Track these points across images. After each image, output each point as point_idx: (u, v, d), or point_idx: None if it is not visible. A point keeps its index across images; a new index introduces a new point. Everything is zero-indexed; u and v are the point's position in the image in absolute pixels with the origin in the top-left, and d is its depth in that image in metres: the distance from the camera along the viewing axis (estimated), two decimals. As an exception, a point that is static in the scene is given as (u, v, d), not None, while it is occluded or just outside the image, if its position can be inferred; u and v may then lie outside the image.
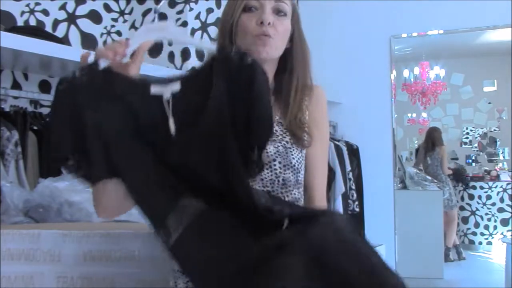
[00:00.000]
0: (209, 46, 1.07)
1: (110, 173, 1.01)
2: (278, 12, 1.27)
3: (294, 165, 1.27)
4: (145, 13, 2.90)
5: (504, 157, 4.82)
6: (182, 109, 1.01)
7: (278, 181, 1.25)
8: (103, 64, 1.02)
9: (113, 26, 2.85)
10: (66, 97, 0.99)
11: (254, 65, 1.02)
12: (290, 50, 1.33)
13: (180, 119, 1.01)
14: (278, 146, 1.26)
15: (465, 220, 4.85)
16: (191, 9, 2.80)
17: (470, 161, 4.90)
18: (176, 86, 1.03)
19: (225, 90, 1.00)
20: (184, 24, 2.78)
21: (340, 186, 3.32)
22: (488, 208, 4.80)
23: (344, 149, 3.51)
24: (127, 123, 1.00)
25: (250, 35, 1.26)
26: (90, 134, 0.98)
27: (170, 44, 2.80)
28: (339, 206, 3.32)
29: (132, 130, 1.00)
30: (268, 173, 1.23)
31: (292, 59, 1.33)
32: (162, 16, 2.85)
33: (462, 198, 4.86)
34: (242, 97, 1.00)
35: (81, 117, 0.98)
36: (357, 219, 3.65)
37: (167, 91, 1.02)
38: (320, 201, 1.32)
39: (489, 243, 4.79)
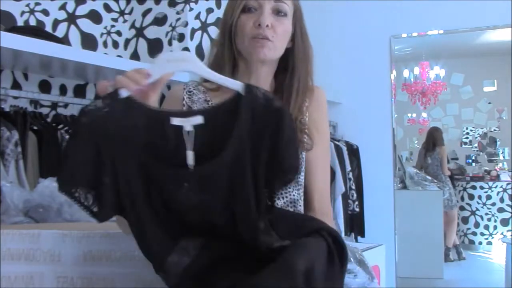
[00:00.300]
0: (235, 85, 1.05)
1: (117, 211, 1.01)
2: (278, 12, 1.26)
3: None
4: (145, 13, 2.90)
5: (504, 157, 4.81)
6: (202, 143, 1.00)
7: (279, 183, 1.25)
8: (123, 93, 1.00)
9: (113, 26, 2.86)
10: (87, 128, 0.97)
11: (282, 110, 1.01)
12: (292, 50, 1.31)
13: (198, 152, 1.00)
14: None
15: (465, 220, 4.85)
16: (191, 9, 2.80)
17: (470, 161, 4.89)
18: (197, 119, 1.01)
19: (248, 132, 0.99)
20: (184, 24, 2.78)
21: (340, 186, 3.32)
22: (488, 208, 4.79)
23: (344, 149, 3.51)
24: (143, 154, 0.99)
25: (248, 36, 1.24)
26: (106, 167, 0.97)
27: (170, 43, 2.81)
28: (339, 206, 3.32)
29: (147, 162, 0.99)
30: None
31: (293, 60, 1.31)
32: (162, 16, 2.85)
33: (462, 198, 4.86)
34: (268, 142, 0.99)
35: (99, 148, 0.97)
36: (357, 219, 3.65)
37: (188, 123, 1.01)
38: (319, 203, 1.31)
39: (489, 243, 4.79)
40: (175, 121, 1.01)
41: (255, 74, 1.29)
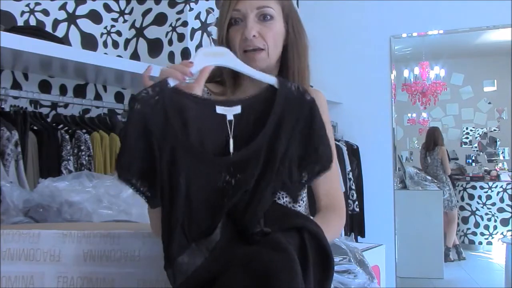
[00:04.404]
0: (269, 79, 1.10)
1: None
2: (264, 17, 1.24)
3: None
4: (145, 13, 2.90)
5: (504, 157, 4.81)
6: (239, 131, 1.05)
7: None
8: (171, 82, 1.04)
9: (113, 26, 2.86)
10: (140, 115, 0.99)
11: (314, 103, 1.08)
12: (285, 47, 1.29)
13: (237, 138, 1.04)
14: None
15: (465, 220, 4.85)
16: (191, 9, 2.80)
17: (470, 161, 4.89)
18: (237, 109, 1.06)
19: (283, 120, 1.05)
20: (184, 24, 2.78)
21: (340, 186, 3.31)
22: (488, 208, 4.80)
23: (344, 149, 3.51)
24: (190, 141, 1.02)
25: (239, 51, 1.24)
26: (155, 154, 0.99)
27: (170, 44, 2.81)
28: (339, 206, 3.32)
29: (193, 150, 1.01)
30: None
31: (286, 57, 1.30)
32: (162, 16, 2.85)
33: (462, 198, 4.86)
34: (302, 130, 1.06)
35: (150, 136, 0.99)
36: (357, 219, 3.65)
37: (230, 113, 1.05)
38: (325, 202, 1.31)
39: (489, 243, 4.79)
40: (220, 109, 1.05)
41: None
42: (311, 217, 1.27)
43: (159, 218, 1.05)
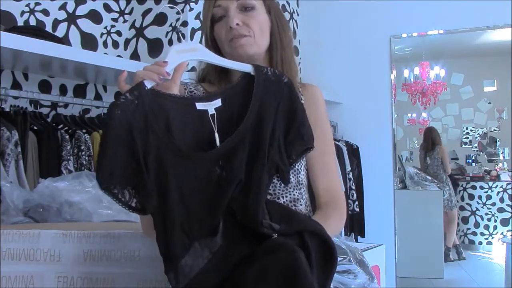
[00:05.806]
0: (245, 67, 1.12)
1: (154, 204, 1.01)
2: (245, 8, 1.27)
3: (294, 166, 1.27)
4: (145, 13, 2.90)
5: (504, 157, 4.81)
6: (222, 123, 1.06)
7: (280, 183, 1.25)
8: (148, 84, 1.04)
9: (113, 26, 2.86)
10: (121, 121, 0.98)
11: (292, 84, 1.11)
12: (271, 46, 1.32)
13: (222, 131, 1.05)
14: None
15: (465, 220, 4.85)
16: (191, 9, 2.80)
17: (470, 161, 4.89)
18: (218, 102, 1.07)
19: (264, 105, 1.06)
20: (184, 24, 2.78)
21: (340, 183, 3.31)
22: (488, 208, 4.79)
23: (344, 149, 3.51)
24: (175, 142, 1.01)
25: (226, 42, 1.26)
26: (140, 159, 0.98)
27: (170, 43, 2.81)
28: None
29: (180, 150, 1.01)
30: None
31: (270, 49, 1.32)
32: (162, 16, 2.85)
33: (462, 198, 4.86)
34: (285, 112, 1.07)
35: (133, 141, 0.98)
36: (357, 219, 3.65)
37: (211, 107, 1.06)
38: (325, 198, 1.31)
39: (489, 243, 4.78)
40: (200, 105, 1.06)
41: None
42: (312, 216, 1.27)
43: (146, 217, 1.05)
